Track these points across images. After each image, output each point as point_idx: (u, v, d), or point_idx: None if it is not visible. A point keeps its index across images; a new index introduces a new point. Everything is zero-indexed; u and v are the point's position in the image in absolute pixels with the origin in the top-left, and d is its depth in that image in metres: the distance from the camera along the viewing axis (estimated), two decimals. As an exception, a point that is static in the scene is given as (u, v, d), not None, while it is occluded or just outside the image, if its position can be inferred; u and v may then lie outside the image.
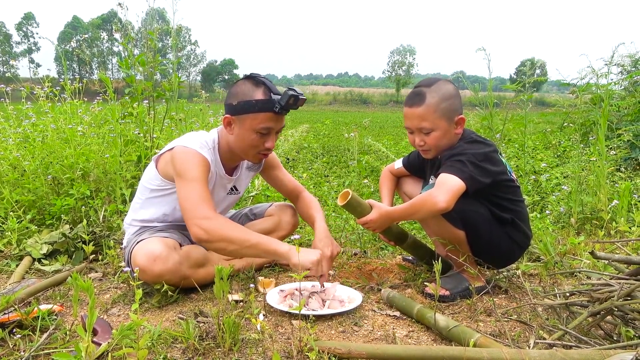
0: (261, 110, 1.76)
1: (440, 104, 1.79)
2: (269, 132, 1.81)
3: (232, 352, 1.41)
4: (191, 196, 1.73)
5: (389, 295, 1.82)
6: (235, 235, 1.71)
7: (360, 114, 30.73)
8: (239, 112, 1.79)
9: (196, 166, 1.78)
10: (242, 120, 1.80)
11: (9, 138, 3.31)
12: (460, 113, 1.84)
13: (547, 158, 5.01)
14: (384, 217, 1.85)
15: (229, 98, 1.83)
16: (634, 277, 1.50)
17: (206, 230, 1.69)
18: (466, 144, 1.83)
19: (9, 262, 2.28)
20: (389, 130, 14.02)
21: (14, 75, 4.21)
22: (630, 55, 5.98)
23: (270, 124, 1.79)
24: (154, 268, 1.72)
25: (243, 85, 1.80)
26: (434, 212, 1.69)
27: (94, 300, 1.17)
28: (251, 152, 1.86)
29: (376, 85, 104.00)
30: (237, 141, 1.86)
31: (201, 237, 1.70)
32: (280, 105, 1.75)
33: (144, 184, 1.98)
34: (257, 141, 1.82)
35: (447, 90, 1.82)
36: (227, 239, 1.70)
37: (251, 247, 1.72)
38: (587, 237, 2.78)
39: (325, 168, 5.68)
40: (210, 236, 1.69)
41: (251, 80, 1.80)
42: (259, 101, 1.75)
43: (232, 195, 2.10)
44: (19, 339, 1.44)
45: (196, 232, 1.70)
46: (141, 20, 3.77)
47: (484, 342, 1.39)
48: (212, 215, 1.72)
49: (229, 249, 1.72)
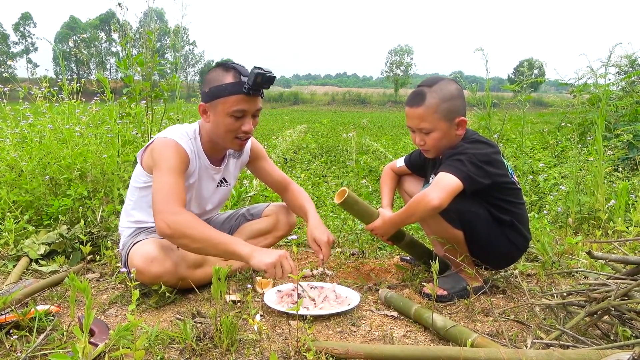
0: (232, 93, 1.76)
1: (441, 105, 1.79)
2: (243, 114, 1.80)
3: (229, 352, 1.41)
4: (162, 189, 1.73)
5: (387, 295, 1.82)
6: (198, 234, 1.69)
7: (359, 114, 30.76)
8: (211, 98, 1.80)
9: (172, 156, 1.79)
10: (215, 105, 1.81)
11: (7, 138, 3.29)
12: (461, 114, 1.83)
13: (545, 158, 5.01)
14: (388, 223, 1.88)
15: (203, 86, 1.85)
16: (631, 277, 1.51)
17: (169, 225, 1.68)
18: (468, 143, 1.82)
19: (6, 263, 2.27)
20: (387, 130, 14.03)
21: (11, 76, 4.21)
22: (627, 55, 5.99)
23: (242, 105, 1.78)
24: (151, 270, 1.72)
25: (214, 72, 1.82)
26: (428, 211, 1.69)
27: (90, 301, 1.17)
28: (229, 137, 1.85)
29: (374, 86, 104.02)
30: (214, 128, 1.85)
31: (165, 232, 1.69)
32: (248, 85, 1.74)
33: (132, 185, 1.99)
34: (232, 125, 1.81)
35: (449, 90, 1.81)
36: (189, 237, 1.68)
37: (214, 246, 1.71)
38: (585, 237, 2.79)
39: (324, 168, 5.68)
40: (173, 232, 1.68)
41: (222, 67, 1.82)
42: (229, 84, 1.76)
43: (222, 187, 2.09)
44: (15, 339, 1.44)
45: (160, 227, 1.69)
46: (139, 20, 3.77)
47: (482, 342, 1.39)
48: (179, 211, 1.70)
49: (192, 246, 1.71)
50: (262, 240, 2.18)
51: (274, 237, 2.23)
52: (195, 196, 2.01)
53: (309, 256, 2.49)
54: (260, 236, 2.19)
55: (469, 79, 6.49)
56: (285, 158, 5.99)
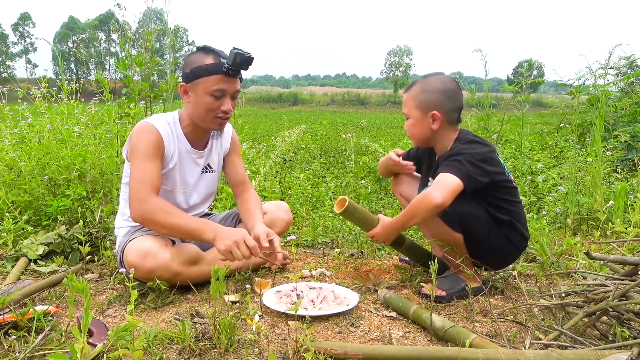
0: (211, 73, 1.84)
1: (420, 94, 1.89)
2: (222, 94, 1.87)
3: (228, 353, 1.41)
4: (135, 177, 1.82)
5: (386, 295, 1.82)
6: (164, 220, 1.79)
7: (358, 114, 30.76)
8: (192, 78, 1.87)
9: (145, 142, 1.86)
10: (195, 85, 1.87)
11: (5, 139, 3.29)
12: (437, 109, 1.85)
13: (544, 159, 5.01)
14: (388, 228, 1.87)
15: (184, 68, 1.91)
16: (629, 278, 1.51)
17: (138, 212, 1.79)
18: (463, 144, 1.83)
19: (4, 263, 2.27)
20: (387, 131, 14.03)
21: (10, 76, 4.21)
22: (626, 57, 6.00)
23: (222, 85, 1.85)
24: (145, 264, 1.74)
25: (194, 55, 1.89)
26: (431, 210, 1.69)
27: (89, 301, 1.17)
28: (209, 116, 1.90)
29: (374, 86, 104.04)
30: (194, 107, 1.91)
31: (135, 219, 1.81)
32: (228, 65, 1.82)
33: (123, 182, 2.04)
34: (212, 104, 1.87)
35: (434, 83, 1.88)
36: (156, 223, 1.79)
37: (181, 233, 1.83)
38: (583, 237, 2.79)
39: (323, 169, 5.68)
40: (142, 218, 1.80)
41: (202, 49, 1.90)
42: (209, 65, 1.84)
43: (207, 173, 2.12)
44: (14, 340, 1.44)
45: (132, 214, 1.81)
46: (138, 20, 3.77)
47: (480, 342, 1.39)
48: (148, 198, 1.79)
49: (161, 232, 1.83)
50: None
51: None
52: (180, 182, 2.03)
53: (307, 256, 2.50)
54: (258, 235, 2.19)
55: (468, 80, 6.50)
56: (284, 158, 5.98)
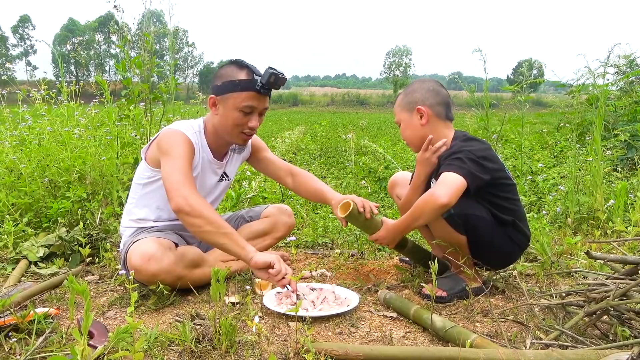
0: (244, 90, 1.83)
1: (403, 98, 1.96)
2: (252, 111, 1.87)
3: (228, 354, 1.41)
4: (176, 172, 1.77)
5: (386, 296, 1.82)
6: (214, 218, 1.73)
7: (358, 115, 30.74)
8: (223, 91, 1.86)
9: (180, 144, 1.84)
10: (226, 99, 1.86)
11: (6, 141, 3.30)
12: (420, 104, 1.89)
13: (544, 158, 5.02)
14: (392, 231, 1.87)
15: (215, 80, 1.91)
16: (629, 277, 1.51)
17: (188, 202, 1.70)
18: (461, 142, 1.84)
19: (5, 266, 2.27)
20: (386, 131, 14.03)
21: (10, 78, 4.22)
22: (626, 55, 6.00)
23: (253, 102, 1.85)
24: (149, 268, 1.74)
25: (228, 68, 1.89)
26: (437, 210, 1.68)
27: (89, 303, 1.17)
28: (235, 131, 1.90)
29: (374, 87, 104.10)
30: (221, 121, 1.91)
31: (182, 208, 1.70)
32: (261, 83, 1.81)
33: (135, 182, 2.02)
34: (240, 120, 1.87)
35: (415, 85, 1.96)
36: (205, 217, 1.71)
37: (224, 235, 1.72)
38: (584, 237, 2.79)
39: (323, 169, 5.68)
40: (191, 209, 1.70)
41: (236, 64, 1.89)
42: (242, 81, 1.83)
43: (223, 181, 2.13)
44: (14, 342, 1.43)
45: (179, 202, 1.71)
46: (138, 22, 3.77)
47: (481, 342, 1.39)
48: (196, 193, 1.76)
49: (204, 228, 1.71)
50: (261, 242, 2.18)
51: (273, 238, 2.23)
52: (200, 190, 2.02)
53: (308, 257, 2.50)
54: (259, 237, 2.19)
55: (468, 80, 6.50)
56: (284, 159, 6.00)
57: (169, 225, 2.02)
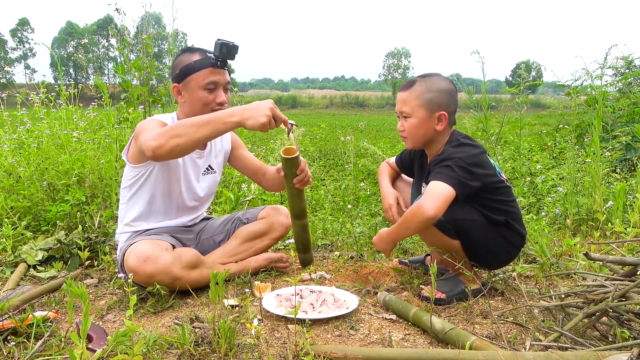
0: (201, 68, 1.89)
1: (425, 93, 1.83)
2: (215, 86, 1.91)
3: (227, 357, 1.41)
4: (146, 128, 1.77)
5: (385, 298, 1.82)
6: (181, 128, 1.69)
7: (357, 117, 30.78)
8: (183, 77, 1.92)
9: (152, 121, 1.87)
10: (187, 83, 1.92)
11: (4, 144, 3.30)
12: (444, 110, 1.83)
13: (543, 160, 5.02)
14: (385, 238, 1.87)
15: (173, 71, 1.96)
16: (628, 278, 1.51)
17: (155, 138, 1.68)
18: (452, 148, 1.81)
19: (4, 269, 2.27)
20: (386, 133, 14.05)
21: (9, 81, 4.23)
22: (624, 57, 6.01)
23: (213, 77, 1.90)
24: (145, 268, 1.74)
25: (182, 56, 1.95)
26: (424, 222, 1.66)
27: (88, 307, 1.17)
28: (205, 111, 1.91)
29: (372, 89, 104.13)
30: (190, 105, 1.94)
31: (153, 146, 1.67)
32: (215, 57, 1.87)
33: (122, 187, 2.04)
34: (207, 98, 1.91)
35: (438, 83, 1.85)
36: (174, 134, 1.68)
37: (198, 128, 1.69)
38: (583, 238, 2.79)
39: (322, 171, 5.68)
40: (159, 141, 1.67)
41: (187, 50, 1.97)
42: (197, 61, 1.90)
43: (209, 174, 2.14)
44: (13, 346, 1.43)
45: (149, 146, 1.67)
46: (137, 25, 3.78)
47: (480, 344, 1.39)
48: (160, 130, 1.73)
49: (181, 142, 1.68)
50: (258, 242, 2.18)
51: (270, 238, 2.23)
52: (184, 182, 2.04)
53: (308, 260, 2.49)
54: (257, 238, 2.19)
55: (466, 82, 6.49)
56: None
57: (165, 229, 2.03)
